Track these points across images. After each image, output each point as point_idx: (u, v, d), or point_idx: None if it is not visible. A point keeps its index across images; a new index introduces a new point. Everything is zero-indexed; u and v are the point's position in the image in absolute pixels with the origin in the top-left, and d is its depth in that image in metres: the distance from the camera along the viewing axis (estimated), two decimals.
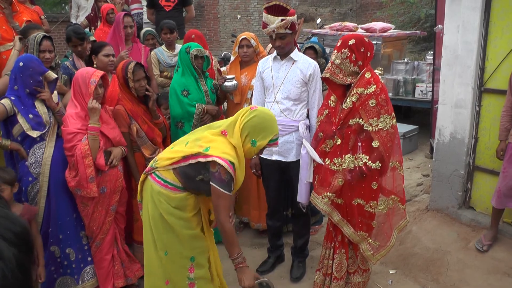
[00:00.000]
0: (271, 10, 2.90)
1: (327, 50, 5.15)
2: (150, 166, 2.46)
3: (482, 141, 3.70)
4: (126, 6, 6.06)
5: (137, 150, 3.24)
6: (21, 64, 2.80)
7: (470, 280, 3.21)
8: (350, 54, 2.66)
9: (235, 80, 3.71)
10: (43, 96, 2.87)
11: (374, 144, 2.67)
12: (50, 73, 2.94)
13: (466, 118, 3.70)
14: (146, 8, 5.99)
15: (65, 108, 3.04)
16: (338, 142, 2.78)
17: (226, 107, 4.10)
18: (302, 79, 3.06)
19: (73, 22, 6.39)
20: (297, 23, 3.03)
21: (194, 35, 3.92)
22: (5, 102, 2.77)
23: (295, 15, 2.97)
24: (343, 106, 2.74)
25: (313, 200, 2.90)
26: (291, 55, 3.09)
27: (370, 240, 2.86)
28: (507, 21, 3.41)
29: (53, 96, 3.00)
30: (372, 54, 2.75)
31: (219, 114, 3.73)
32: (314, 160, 2.90)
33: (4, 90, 2.94)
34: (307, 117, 3.16)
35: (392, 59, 7.15)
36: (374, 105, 2.64)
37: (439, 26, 4.81)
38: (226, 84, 3.65)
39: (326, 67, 2.76)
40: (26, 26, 3.99)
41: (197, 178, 2.32)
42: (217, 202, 2.27)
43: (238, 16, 12.72)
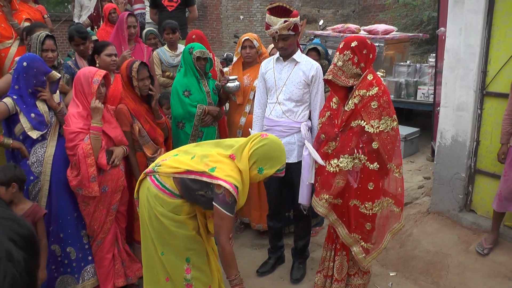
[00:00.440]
0: (274, 11, 2.90)
1: (330, 52, 5.16)
2: (151, 168, 2.46)
3: (484, 144, 3.69)
4: (129, 6, 6.07)
5: (138, 150, 3.24)
6: (24, 64, 2.80)
7: (470, 283, 3.21)
8: (352, 56, 2.66)
9: (238, 81, 3.71)
10: (44, 96, 2.88)
11: (373, 145, 2.67)
12: (54, 73, 2.94)
13: (468, 121, 3.70)
14: (149, 8, 6.00)
15: (66, 107, 3.05)
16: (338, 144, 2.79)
17: (228, 108, 4.10)
18: (305, 81, 3.06)
19: (75, 21, 6.40)
20: (300, 25, 3.03)
21: (195, 36, 3.92)
22: (7, 101, 2.78)
23: (298, 17, 2.97)
24: (345, 108, 2.74)
25: (313, 203, 2.90)
26: (294, 57, 3.09)
27: (363, 243, 2.86)
28: (510, 24, 3.41)
29: (55, 96, 3.01)
30: (374, 56, 2.75)
31: (221, 115, 3.74)
32: (316, 161, 2.90)
33: (6, 89, 2.94)
34: (309, 118, 3.17)
35: (394, 62, 7.15)
36: (376, 107, 2.64)
37: (442, 28, 4.81)
38: (229, 85, 3.65)
39: (328, 69, 2.76)
40: (32, 24, 3.99)
41: (197, 192, 2.32)
42: (219, 223, 2.28)
43: (241, 17, 12.74)
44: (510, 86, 3.32)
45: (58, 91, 3.10)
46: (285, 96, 3.08)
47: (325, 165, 2.82)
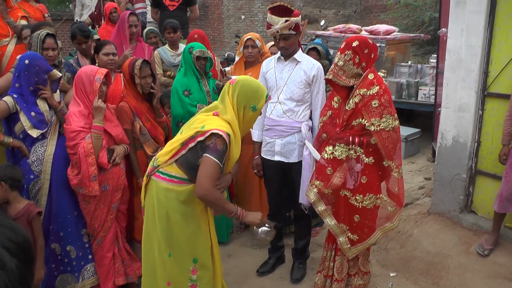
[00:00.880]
0: (276, 11, 2.90)
1: (331, 52, 5.15)
2: (151, 167, 2.46)
3: (485, 145, 3.69)
4: (130, 5, 6.08)
5: (139, 148, 3.24)
6: (26, 61, 2.80)
7: (470, 284, 3.20)
8: (353, 56, 2.65)
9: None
10: (45, 94, 2.87)
11: (372, 140, 2.68)
12: (55, 72, 2.94)
13: (469, 122, 3.69)
14: (150, 7, 6.00)
15: (67, 106, 3.05)
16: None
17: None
18: (306, 80, 3.05)
19: (77, 20, 6.41)
20: (301, 24, 3.03)
21: (197, 35, 3.92)
22: (7, 99, 2.78)
23: (300, 16, 2.97)
24: (346, 107, 2.74)
25: (307, 191, 2.91)
26: (295, 56, 3.09)
27: (349, 233, 2.87)
28: None
29: (55, 95, 3.00)
30: (376, 55, 2.75)
31: None
32: (316, 161, 2.90)
33: (7, 87, 2.94)
34: (310, 118, 3.16)
35: (395, 62, 7.14)
36: (377, 105, 2.64)
37: (443, 29, 4.80)
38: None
39: (329, 69, 2.75)
40: (39, 23, 4.01)
41: (198, 162, 2.31)
42: (204, 170, 2.22)
43: (242, 16, 12.74)
44: (511, 87, 3.32)
45: (58, 90, 3.10)
46: (286, 95, 3.08)
47: (326, 165, 2.82)
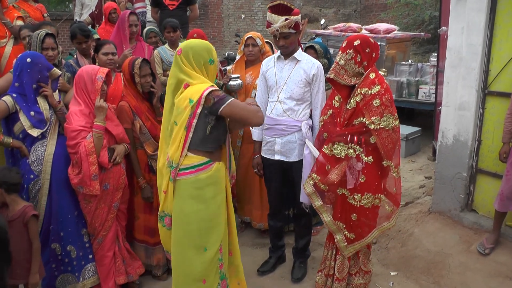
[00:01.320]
0: (275, 10, 2.89)
1: (331, 51, 5.14)
2: (172, 170, 2.43)
3: (486, 143, 3.68)
4: (129, 4, 6.08)
5: (139, 148, 3.23)
6: (28, 60, 2.79)
7: (471, 283, 3.20)
8: (355, 55, 2.65)
9: (240, 79, 3.70)
10: (46, 92, 2.87)
11: (371, 139, 2.68)
12: (56, 70, 2.95)
13: (470, 120, 3.69)
14: (150, 6, 6.00)
15: (66, 106, 3.04)
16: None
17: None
18: (306, 79, 3.05)
19: (76, 20, 6.41)
20: (301, 23, 3.03)
21: (196, 34, 3.91)
22: (6, 99, 2.77)
23: (299, 15, 2.96)
24: (347, 107, 2.74)
25: (304, 184, 2.92)
26: (295, 55, 3.08)
27: (346, 232, 2.87)
28: None
29: (54, 94, 3.00)
30: (377, 55, 2.75)
31: None
32: (317, 160, 2.89)
33: (7, 87, 2.93)
34: (310, 117, 3.16)
35: (395, 61, 7.14)
36: (378, 104, 2.63)
37: (443, 28, 4.80)
38: (231, 83, 3.64)
39: (331, 68, 2.75)
40: (41, 23, 4.00)
41: (207, 130, 2.39)
42: (239, 109, 2.37)
43: (242, 15, 12.74)
44: None
45: (57, 90, 3.09)
46: (286, 94, 3.07)
47: (325, 163, 2.81)
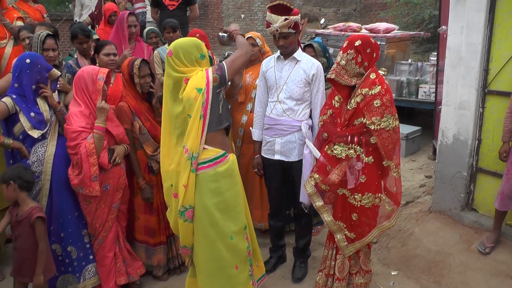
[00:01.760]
0: (275, 9, 2.89)
1: (331, 51, 5.14)
2: (193, 160, 2.45)
3: (486, 143, 3.68)
4: (129, 5, 6.07)
5: (139, 148, 3.24)
6: (28, 60, 2.80)
7: (472, 282, 3.20)
8: (356, 55, 2.65)
9: (240, 77, 3.67)
10: (45, 93, 2.87)
11: (372, 139, 2.68)
12: (55, 70, 2.96)
13: (470, 119, 3.69)
14: (149, 7, 6.00)
15: (66, 107, 3.05)
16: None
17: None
18: (305, 79, 3.05)
19: (76, 20, 6.41)
20: (300, 23, 3.02)
21: (198, 34, 3.90)
22: (6, 100, 2.77)
23: (299, 15, 2.96)
24: (348, 107, 2.74)
25: (305, 184, 2.92)
26: (295, 55, 3.08)
27: (347, 232, 2.87)
28: None
29: (53, 95, 3.00)
30: (378, 55, 2.74)
31: None
32: (317, 159, 2.89)
33: (7, 88, 2.93)
34: (310, 117, 3.16)
35: (395, 60, 7.13)
36: (379, 105, 2.63)
37: (443, 27, 4.80)
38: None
39: (332, 68, 2.75)
40: (39, 23, 4.00)
41: (220, 104, 2.52)
42: (234, 63, 2.56)
43: (242, 15, 12.74)
44: None
45: (56, 91, 3.10)
46: (285, 94, 3.07)
47: (326, 163, 2.82)
